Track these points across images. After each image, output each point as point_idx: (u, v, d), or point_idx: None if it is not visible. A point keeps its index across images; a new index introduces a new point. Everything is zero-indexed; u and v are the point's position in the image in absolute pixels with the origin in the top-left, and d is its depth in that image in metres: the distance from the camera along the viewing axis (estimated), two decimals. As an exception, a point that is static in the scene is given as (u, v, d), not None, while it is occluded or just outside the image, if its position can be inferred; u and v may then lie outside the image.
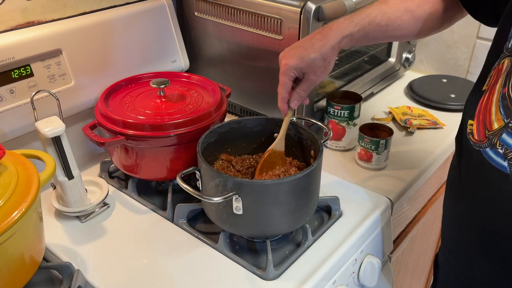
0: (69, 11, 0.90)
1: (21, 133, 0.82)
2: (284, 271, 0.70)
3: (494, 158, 0.57)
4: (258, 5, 0.92)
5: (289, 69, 0.73)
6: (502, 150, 0.56)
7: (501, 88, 0.58)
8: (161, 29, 1.01)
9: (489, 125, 0.59)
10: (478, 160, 0.60)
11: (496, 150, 0.57)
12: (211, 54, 1.09)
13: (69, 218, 0.81)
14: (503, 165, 0.56)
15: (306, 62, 0.72)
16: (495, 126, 0.58)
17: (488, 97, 0.60)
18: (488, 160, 0.58)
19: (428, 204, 1.12)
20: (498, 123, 0.57)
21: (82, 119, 0.92)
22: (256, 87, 1.03)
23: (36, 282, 0.68)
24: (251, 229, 0.72)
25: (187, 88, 0.91)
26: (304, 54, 0.73)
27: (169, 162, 0.81)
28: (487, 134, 0.59)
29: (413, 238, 1.10)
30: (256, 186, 0.66)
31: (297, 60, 0.73)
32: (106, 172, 0.93)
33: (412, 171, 0.94)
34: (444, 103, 1.16)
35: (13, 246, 0.58)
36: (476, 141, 0.61)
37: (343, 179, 0.91)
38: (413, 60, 1.30)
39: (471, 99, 0.65)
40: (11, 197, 0.57)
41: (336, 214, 0.81)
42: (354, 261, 0.78)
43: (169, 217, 0.81)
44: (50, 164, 0.66)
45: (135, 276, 0.70)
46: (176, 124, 0.77)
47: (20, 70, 0.80)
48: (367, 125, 0.95)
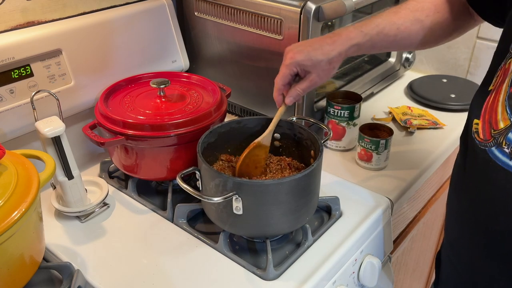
0: (69, 11, 0.90)
1: (21, 133, 0.82)
2: (284, 271, 0.70)
3: (500, 157, 0.57)
4: (258, 5, 0.92)
5: (293, 63, 0.74)
6: (508, 149, 0.56)
7: (507, 88, 0.58)
8: (161, 29, 1.01)
9: (494, 124, 0.59)
10: (484, 159, 0.60)
11: (502, 149, 0.57)
12: (211, 54, 1.09)
13: (69, 218, 0.81)
14: (508, 164, 0.56)
15: (312, 61, 0.73)
16: (501, 125, 0.58)
17: (495, 96, 0.60)
18: (493, 159, 0.58)
19: (428, 204, 1.12)
20: (504, 122, 0.57)
21: (82, 119, 0.92)
22: (256, 87, 1.03)
23: (36, 282, 0.68)
24: (251, 229, 0.72)
25: (187, 88, 0.91)
26: (312, 53, 0.73)
27: (169, 162, 0.81)
28: (493, 133, 0.59)
29: (413, 238, 1.10)
30: (256, 186, 0.66)
31: (304, 56, 0.73)
32: (106, 172, 0.93)
33: (412, 171, 0.94)
34: (444, 103, 1.16)
35: (13, 246, 0.58)
36: (481, 140, 0.61)
37: (343, 179, 0.91)
38: (413, 60, 1.30)
39: (477, 98, 0.65)
40: (11, 197, 0.57)
41: (336, 214, 0.81)
42: (354, 261, 0.78)
43: (169, 217, 0.81)
44: (50, 164, 0.66)
45: (135, 276, 0.70)
46: (176, 124, 0.77)
47: (20, 70, 0.80)
48: (367, 125, 0.95)
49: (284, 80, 0.75)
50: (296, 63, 0.74)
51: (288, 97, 0.76)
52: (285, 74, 0.75)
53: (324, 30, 1.01)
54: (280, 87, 0.76)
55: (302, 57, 0.73)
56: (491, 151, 0.59)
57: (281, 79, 0.76)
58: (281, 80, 0.76)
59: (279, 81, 0.76)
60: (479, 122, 0.62)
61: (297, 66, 0.74)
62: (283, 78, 0.75)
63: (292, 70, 0.74)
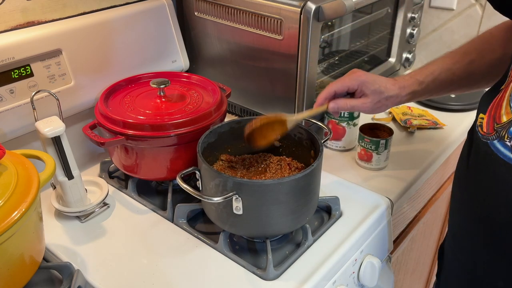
0: (69, 11, 0.90)
1: (21, 133, 0.82)
2: (284, 271, 0.70)
3: (502, 150, 0.59)
4: (258, 5, 0.92)
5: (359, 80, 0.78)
6: (510, 142, 0.58)
7: None
8: (161, 29, 1.01)
9: (498, 119, 0.60)
10: (486, 152, 0.61)
11: (504, 142, 0.59)
12: (211, 54, 1.09)
13: (69, 218, 0.81)
14: (510, 156, 0.58)
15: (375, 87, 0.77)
16: (504, 119, 0.59)
17: (503, 94, 0.62)
18: (495, 152, 0.60)
19: (428, 204, 1.12)
20: (507, 116, 0.59)
21: (82, 119, 0.92)
22: (256, 87, 1.03)
23: (36, 282, 0.68)
24: (251, 229, 0.72)
25: (187, 88, 0.91)
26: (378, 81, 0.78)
27: (169, 162, 0.81)
28: (496, 127, 0.60)
29: (413, 238, 1.10)
30: (256, 186, 0.66)
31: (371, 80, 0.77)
32: (106, 172, 0.93)
33: (412, 171, 0.94)
34: (444, 103, 1.16)
35: (13, 246, 0.58)
36: (484, 134, 0.62)
37: (343, 179, 0.91)
38: (413, 60, 1.30)
39: (486, 96, 0.66)
40: (11, 197, 0.57)
41: (336, 214, 0.81)
42: (354, 261, 0.78)
43: (169, 217, 0.81)
44: (50, 164, 0.66)
45: (135, 276, 0.70)
46: (176, 124, 0.77)
47: (20, 70, 0.80)
48: (367, 125, 0.95)
49: (340, 88, 0.79)
50: (362, 81, 0.77)
51: (335, 104, 0.79)
52: (345, 85, 0.78)
53: (324, 30, 1.02)
54: (332, 92, 0.79)
55: (369, 80, 0.77)
56: (493, 144, 0.60)
57: (338, 87, 0.79)
58: (338, 88, 0.79)
59: (335, 88, 0.79)
60: (485, 116, 0.64)
61: (360, 85, 0.77)
62: (341, 87, 0.79)
63: (353, 85, 0.78)
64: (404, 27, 1.19)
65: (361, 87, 0.78)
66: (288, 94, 0.95)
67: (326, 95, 0.79)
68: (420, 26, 1.25)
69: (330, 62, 1.11)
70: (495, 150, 0.60)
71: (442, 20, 1.36)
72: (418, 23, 1.23)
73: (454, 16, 1.33)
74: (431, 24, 1.39)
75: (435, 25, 1.38)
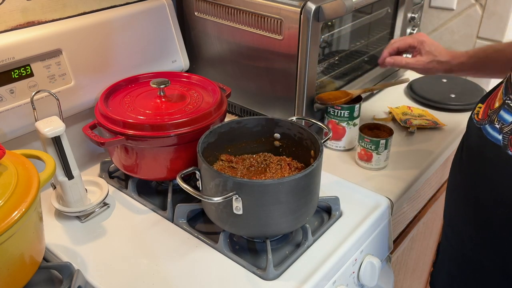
0: (69, 11, 0.90)
1: (21, 133, 0.82)
2: (284, 271, 0.70)
3: (491, 133, 0.62)
4: (258, 5, 0.92)
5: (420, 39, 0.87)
6: (498, 125, 0.61)
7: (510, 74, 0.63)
8: (161, 29, 1.01)
9: (492, 106, 0.64)
10: (478, 136, 0.64)
11: (493, 125, 0.62)
12: (211, 54, 1.09)
13: (69, 218, 0.81)
14: (497, 138, 0.61)
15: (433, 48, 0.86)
16: (496, 105, 0.63)
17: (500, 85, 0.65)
18: (486, 136, 0.63)
19: (428, 204, 1.13)
20: (499, 102, 0.62)
21: (82, 119, 0.92)
22: (256, 87, 1.03)
23: (36, 282, 0.68)
24: (251, 229, 0.72)
25: (187, 88, 0.91)
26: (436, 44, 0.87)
27: (169, 162, 0.81)
28: (489, 113, 0.64)
29: (413, 238, 1.10)
30: (256, 186, 0.66)
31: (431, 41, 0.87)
32: (106, 172, 0.93)
33: (412, 171, 0.94)
34: (444, 103, 1.16)
35: (13, 246, 0.58)
36: (479, 120, 0.66)
37: (343, 179, 0.91)
38: (413, 60, 1.30)
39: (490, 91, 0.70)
40: (11, 197, 0.57)
41: (336, 214, 0.81)
42: (354, 261, 0.78)
43: (169, 217, 0.81)
44: (50, 164, 0.66)
45: (135, 276, 0.70)
46: (176, 124, 0.77)
47: (20, 70, 0.80)
48: (367, 125, 0.95)
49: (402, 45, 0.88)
50: (421, 41, 0.86)
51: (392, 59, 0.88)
52: (406, 42, 0.88)
53: (324, 30, 1.02)
54: (395, 48, 0.89)
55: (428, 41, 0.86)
56: (484, 128, 0.63)
57: (401, 44, 0.88)
58: (400, 44, 0.89)
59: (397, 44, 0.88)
60: (482, 106, 0.67)
61: (419, 44, 0.86)
62: (403, 44, 0.88)
63: (413, 43, 0.87)
64: (404, 27, 1.19)
65: (419, 46, 0.86)
66: (288, 94, 0.95)
67: (390, 50, 0.89)
68: (420, 26, 1.25)
69: (330, 62, 1.12)
70: (486, 133, 0.63)
71: (442, 20, 1.36)
72: (418, 23, 1.23)
73: (454, 16, 1.33)
74: (431, 24, 1.39)
75: (435, 25, 1.38)
